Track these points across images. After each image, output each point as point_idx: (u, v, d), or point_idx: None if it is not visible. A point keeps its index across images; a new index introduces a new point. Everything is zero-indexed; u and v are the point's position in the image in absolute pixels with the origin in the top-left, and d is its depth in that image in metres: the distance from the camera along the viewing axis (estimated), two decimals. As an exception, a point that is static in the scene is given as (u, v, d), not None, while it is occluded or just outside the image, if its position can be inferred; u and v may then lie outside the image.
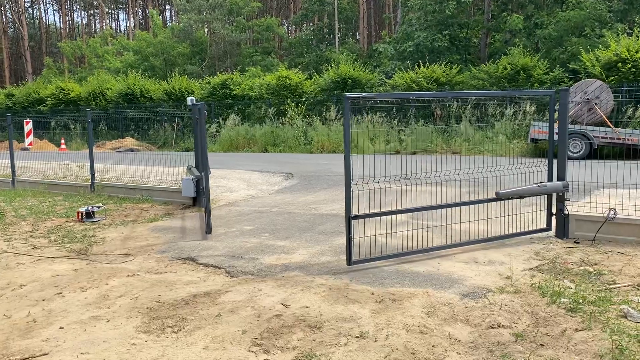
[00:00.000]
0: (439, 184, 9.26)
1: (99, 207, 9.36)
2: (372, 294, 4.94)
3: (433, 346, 3.91)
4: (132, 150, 22.55)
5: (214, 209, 9.64)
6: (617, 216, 6.39)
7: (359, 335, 4.10)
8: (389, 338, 4.04)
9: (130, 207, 10.10)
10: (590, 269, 5.49)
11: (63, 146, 25.44)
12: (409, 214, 8.30)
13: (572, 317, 4.35)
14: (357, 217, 5.89)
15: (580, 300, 4.61)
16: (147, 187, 10.88)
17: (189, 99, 9.57)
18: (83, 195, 11.53)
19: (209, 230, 7.56)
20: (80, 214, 8.95)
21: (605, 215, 6.47)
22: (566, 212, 6.70)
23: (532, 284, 5.06)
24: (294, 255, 6.34)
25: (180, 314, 4.66)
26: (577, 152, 14.44)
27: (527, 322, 4.29)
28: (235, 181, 12.39)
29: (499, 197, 6.70)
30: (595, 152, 13.97)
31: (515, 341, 3.97)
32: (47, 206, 10.42)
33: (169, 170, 12.03)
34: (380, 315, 4.48)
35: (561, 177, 6.73)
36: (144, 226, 8.36)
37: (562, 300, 4.65)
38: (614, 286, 5.01)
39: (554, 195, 6.90)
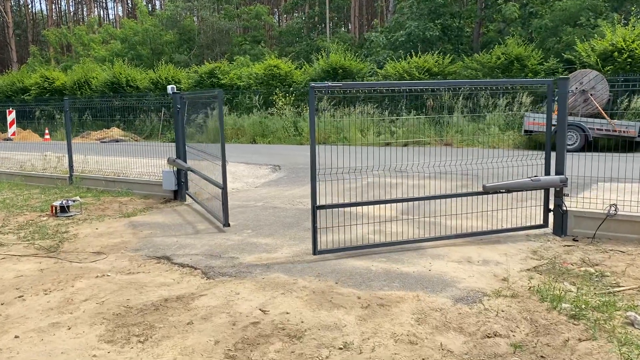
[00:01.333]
0: (429, 177, 8.94)
1: (74, 200, 8.91)
2: (359, 298, 4.56)
3: (423, 359, 3.54)
4: (118, 141, 22.00)
5: (193, 203, 9.23)
6: (619, 213, 6.05)
7: (342, 346, 3.73)
8: (375, 350, 3.67)
9: (108, 200, 9.66)
10: (592, 270, 5.15)
11: (47, 136, 24.82)
12: (399, 209, 7.95)
13: (574, 325, 4.00)
14: (322, 207, 5.83)
15: (583, 306, 4.27)
16: (127, 179, 10.43)
17: (169, 87, 9.14)
18: (61, 188, 11.06)
19: (226, 223, 7.21)
20: (54, 208, 8.50)
21: (605, 211, 6.12)
22: (564, 208, 6.35)
23: (531, 287, 4.70)
24: (276, 254, 5.95)
25: (149, 321, 4.27)
26: (572, 145, 14.11)
27: (525, 331, 3.93)
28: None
29: (486, 191, 6.43)
30: (591, 144, 13.65)
31: (514, 352, 3.61)
32: (22, 199, 9.95)
33: (152, 162, 11.58)
34: (366, 322, 4.10)
35: (559, 170, 6.38)
36: (120, 221, 7.93)
37: (563, 305, 4.30)
38: (618, 289, 4.66)
39: (552, 191, 6.56)
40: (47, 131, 25.29)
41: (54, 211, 8.48)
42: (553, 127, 14.97)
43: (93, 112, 25.50)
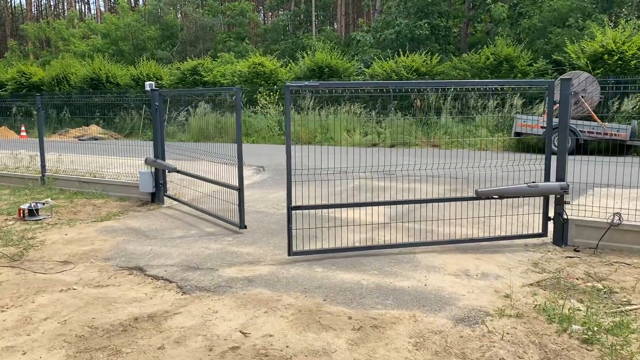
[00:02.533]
0: (419, 181, 8.56)
1: (44, 203, 8.36)
2: (350, 318, 4.14)
3: (425, 393, 3.13)
4: (96, 139, 21.35)
5: (173, 206, 8.74)
6: (623, 222, 5.71)
7: (333, 377, 3.31)
8: (370, 382, 3.25)
9: (82, 203, 9.12)
10: (599, 285, 4.79)
11: (23, 133, 24.02)
12: (387, 214, 7.55)
13: (588, 350, 3.62)
14: (298, 207, 5.79)
15: (595, 328, 3.89)
16: (102, 180, 9.88)
17: (147, 84, 8.62)
18: (32, 188, 10.47)
19: (242, 225, 6.89)
20: (22, 212, 7.95)
21: (609, 220, 5.78)
22: (565, 216, 6.00)
23: (536, 305, 4.32)
24: (259, 265, 5.50)
25: (116, 344, 3.80)
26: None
27: (535, 358, 3.55)
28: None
29: (478, 196, 6.12)
30: (581, 147, 13.38)
31: (524, 384, 3.22)
32: (-11, 201, 9.36)
33: (130, 162, 11.05)
34: (359, 347, 3.69)
35: (560, 177, 6.03)
36: (92, 226, 7.41)
37: (574, 327, 3.92)
38: (630, 308, 4.30)
39: (551, 198, 6.20)
40: (23, 128, 24.49)
41: (21, 214, 7.94)
42: (544, 130, 14.65)
43: (72, 109, 24.76)
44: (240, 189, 6.83)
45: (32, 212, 7.95)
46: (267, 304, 4.43)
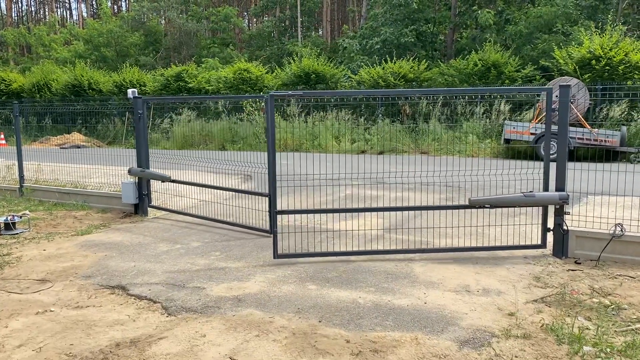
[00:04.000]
0: (411, 190, 8.37)
1: (22, 216, 8.00)
2: (347, 341, 3.87)
3: None
4: (79, 147, 20.88)
5: (158, 218, 8.42)
6: (626, 233, 5.53)
7: (333, 411, 3.04)
8: (373, 416, 2.99)
9: (62, 215, 8.75)
10: (606, 301, 4.58)
11: (2, 141, 23.44)
12: (381, 224, 7.31)
13: (603, 375, 3.40)
14: (282, 212, 6.11)
15: (608, 349, 3.68)
16: (83, 191, 9.51)
17: (129, 91, 8.30)
18: (9, 200, 10.07)
19: (274, 230, 6.42)
20: (-3, 225, 7.59)
21: (611, 232, 5.60)
22: (565, 227, 5.81)
23: (543, 325, 4.10)
24: (249, 282, 5.21)
25: (95, 375, 3.50)
26: (552, 154, 13.71)
27: (547, 384, 3.31)
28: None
29: (472, 205, 6.00)
30: (571, 154, 13.29)
31: (539, 415, 2.98)
32: (-37, 214, 8.94)
33: (114, 171, 10.70)
34: (359, 375, 3.42)
35: (560, 186, 5.83)
36: (72, 240, 7.07)
37: (585, 349, 3.70)
38: (640, 326, 4.10)
39: (550, 208, 6.01)
40: (2, 136, 23.92)
41: (-3, 228, 7.57)
42: (533, 136, 14.56)
43: (53, 117, 24.26)
44: (270, 195, 6.31)
45: (9, 226, 7.58)
46: (258, 327, 4.15)
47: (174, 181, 8.19)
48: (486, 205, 6.08)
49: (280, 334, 4.01)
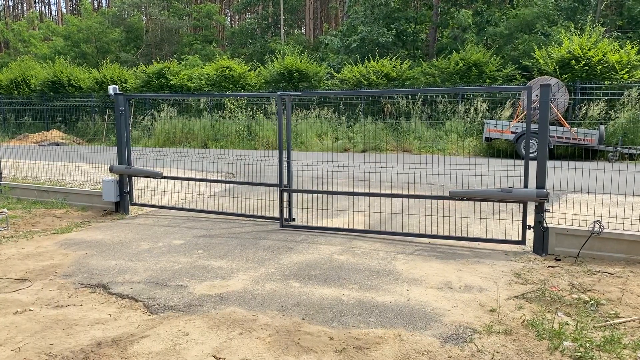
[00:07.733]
0: (396, 187, 8.41)
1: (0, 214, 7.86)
2: (331, 338, 3.88)
3: (417, 423, 2.90)
4: (58, 144, 20.58)
5: (139, 216, 8.35)
6: (604, 230, 5.62)
7: (317, 408, 3.04)
8: (357, 412, 3.00)
9: (41, 213, 8.63)
10: (585, 297, 4.65)
11: (-21, 138, 23.01)
12: (366, 223, 7.35)
13: (582, 369, 3.45)
14: (288, 190, 7.12)
15: (587, 344, 3.74)
16: (63, 189, 9.38)
17: (110, 87, 8.22)
18: (-13, 198, 9.89)
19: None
20: (-26, 224, 7.45)
21: (589, 229, 5.69)
22: (545, 225, 5.89)
23: (524, 320, 4.15)
24: (232, 280, 5.19)
25: (76, 374, 3.46)
26: (532, 153, 13.89)
27: (528, 378, 3.36)
28: (168, 181, 11.03)
29: (452, 197, 6.43)
30: (550, 153, 13.47)
31: (520, 410, 3.02)
32: (-62, 212, 8.76)
33: (94, 168, 10.57)
34: (343, 372, 3.43)
35: (540, 184, 5.91)
36: (52, 239, 6.97)
37: (565, 344, 3.75)
38: (618, 321, 4.17)
39: (530, 205, 6.09)
40: (-21, 133, 23.49)
41: (-26, 227, 7.43)
42: (514, 135, 14.70)
43: (32, 114, 23.87)
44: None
45: (-14, 224, 7.46)
46: (241, 325, 4.14)
47: (165, 177, 8.14)
48: (464, 198, 6.44)
49: (263, 332, 4.01)
